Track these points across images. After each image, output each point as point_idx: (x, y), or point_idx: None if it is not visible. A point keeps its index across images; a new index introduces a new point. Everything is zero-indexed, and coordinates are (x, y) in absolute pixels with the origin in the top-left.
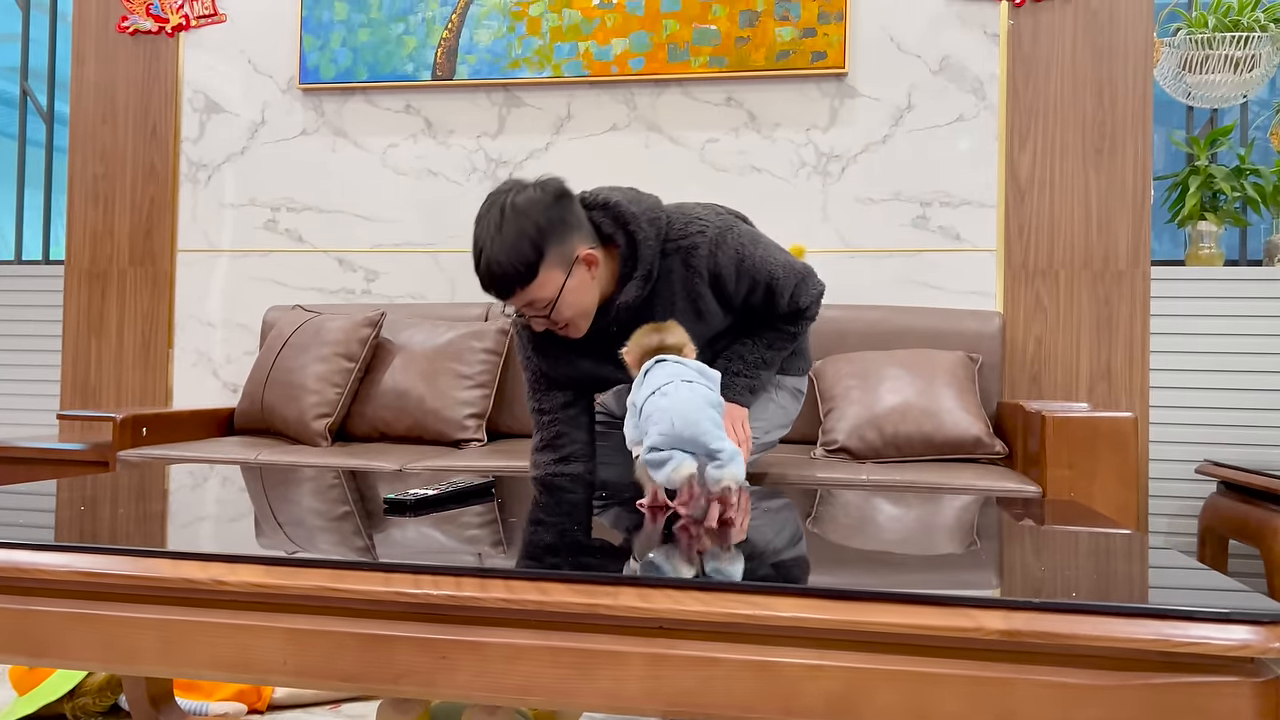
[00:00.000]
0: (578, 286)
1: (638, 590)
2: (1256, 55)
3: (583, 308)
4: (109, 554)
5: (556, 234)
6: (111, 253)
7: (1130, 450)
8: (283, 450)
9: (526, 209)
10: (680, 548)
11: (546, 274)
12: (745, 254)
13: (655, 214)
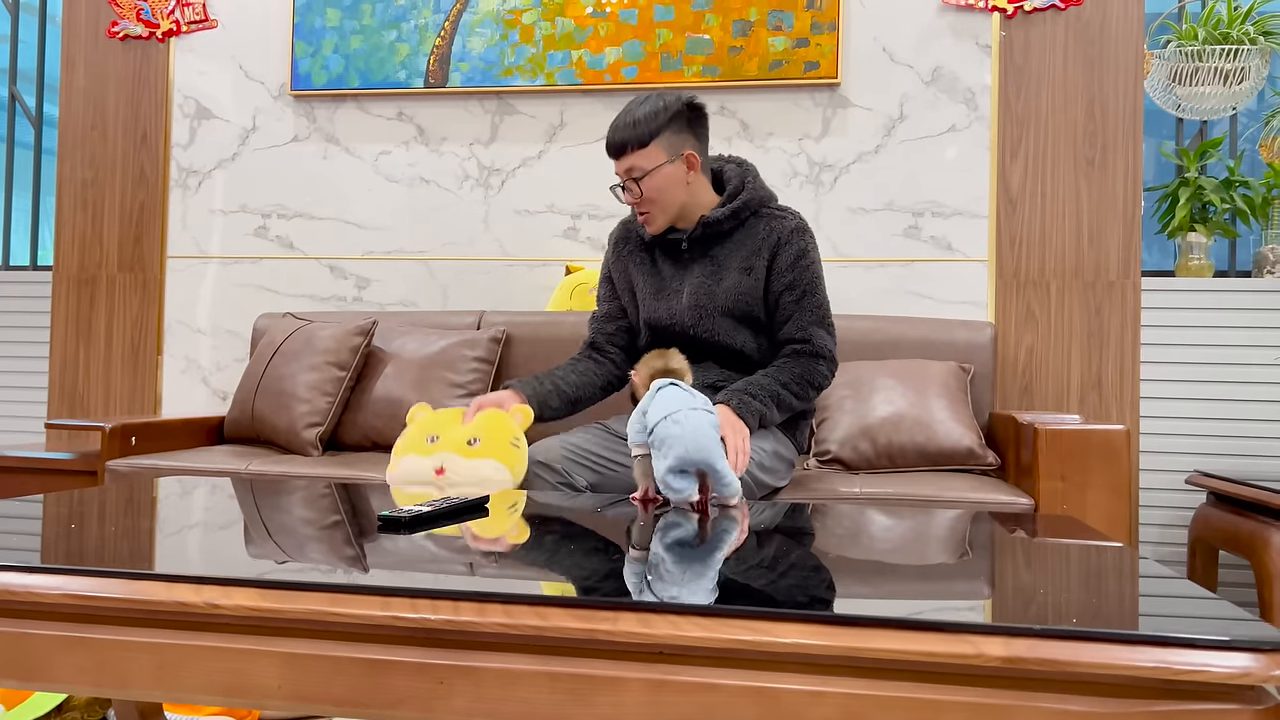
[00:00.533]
0: (671, 174)
1: (637, 615)
2: (1246, 68)
3: (668, 197)
4: (101, 576)
5: (676, 126)
6: (100, 259)
7: (1122, 462)
8: (274, 460)
9: (669, 101)
10: (680, 570)
11: (655, 148)
12: (808, 256)
13: (760, 184)
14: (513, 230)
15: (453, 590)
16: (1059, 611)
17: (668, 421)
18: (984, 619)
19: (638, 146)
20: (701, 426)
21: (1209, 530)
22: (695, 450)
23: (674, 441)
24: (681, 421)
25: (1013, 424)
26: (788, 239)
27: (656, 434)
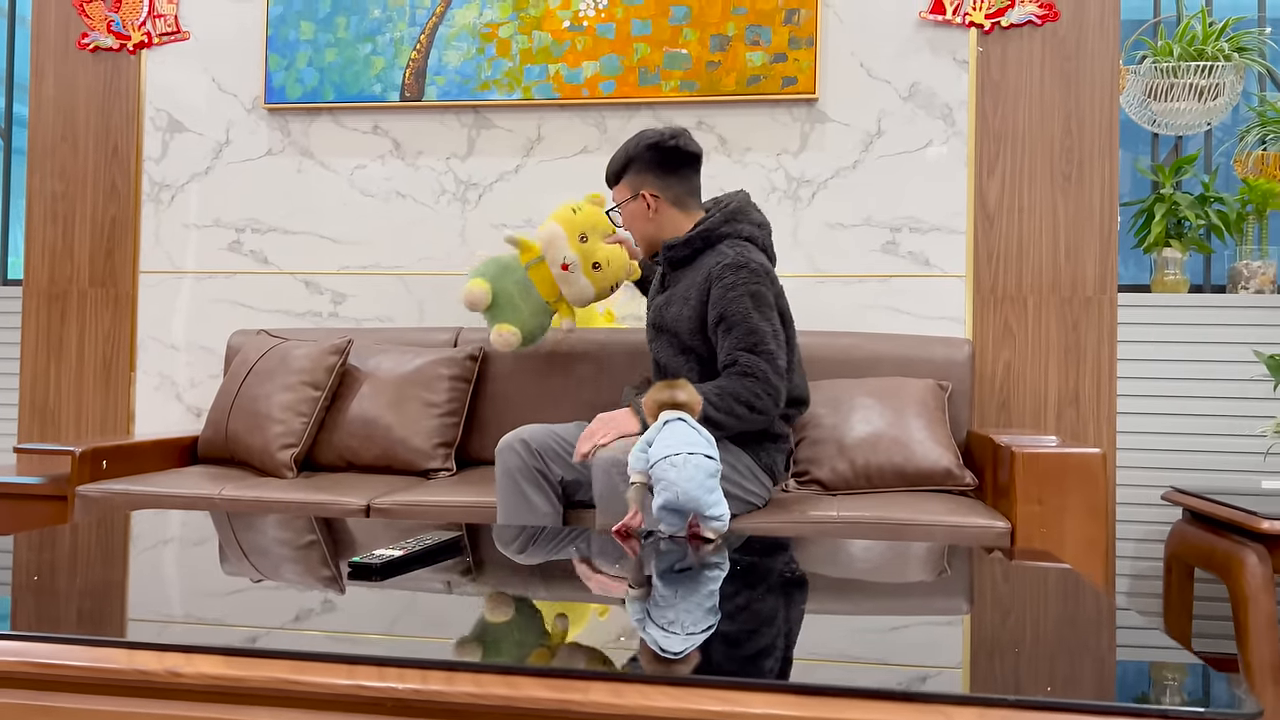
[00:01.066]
0: (634, 209)
1: (609, 685)
2: (1220, 84)
3: (635, 229)
4: (62, 643)
5: (637, 168)
6: (71, 273)
7: (1099, 485)
8: (248, 484)
9: (638, 143)
10: (654, 634)
11: (622, 187)
12: (736, 289)
13: (737, 218)
14: (490, 245)
15: (420, 659)
16: (1035, 677)
17: (666, 463)
18: (959, 686)
19: (612, 183)
20: (696, 476)
21: (1185, 548)
22: (685, 498)
23: (668, 484)
24: (679, 465)
25: (990, 445)
26: (719, 275)
27: (655, 471)
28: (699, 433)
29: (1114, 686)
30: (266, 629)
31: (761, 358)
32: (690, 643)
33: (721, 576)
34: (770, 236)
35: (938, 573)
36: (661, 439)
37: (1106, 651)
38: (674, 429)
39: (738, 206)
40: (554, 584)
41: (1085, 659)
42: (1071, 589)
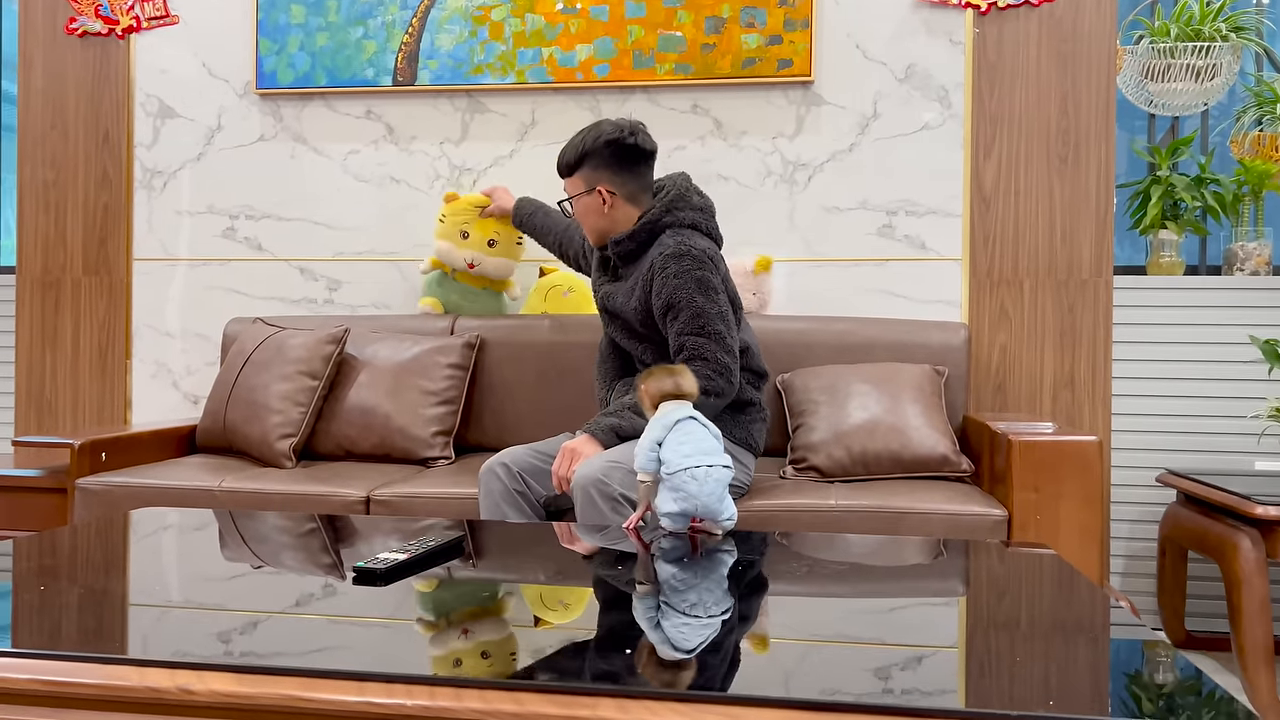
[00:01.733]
0: (588, 203)
1: (616, 701)
2: (1217, 64)
3: (589, 221)
4: (71, 660)
5: (593, 163)
6: (65, 261)
7: (1095, 473)
8: (247, 475)
9: (593, 137)
10: (661, 646)
11: (577, 178)
12: (679, 277)
13: (678, 207)
14: None
15: (427, 676)
16: (1034, 690)
17: (687, 475)
18: (956, 703)
19: (565, 174)
20: (716, 490)
21: (1178, 531)
22: (703, 509)
23: (688, 496)
24: (700, 479)
25: (986, 431)
26: (662, 265)
27: (674, 479)
28: (709, 432)
29: (1105, 701)
30: (276, 643)
31: (708, 339)
32: (698, 657)
33: (732, 584)
34: (714, 218)
35: (940, 574)
36: (675, 442)
37: (1102, 657)
38: (687, 431)
39: (677, 194)
40: (560, 592)
41: (1081, 667)
42: (1071, 586)
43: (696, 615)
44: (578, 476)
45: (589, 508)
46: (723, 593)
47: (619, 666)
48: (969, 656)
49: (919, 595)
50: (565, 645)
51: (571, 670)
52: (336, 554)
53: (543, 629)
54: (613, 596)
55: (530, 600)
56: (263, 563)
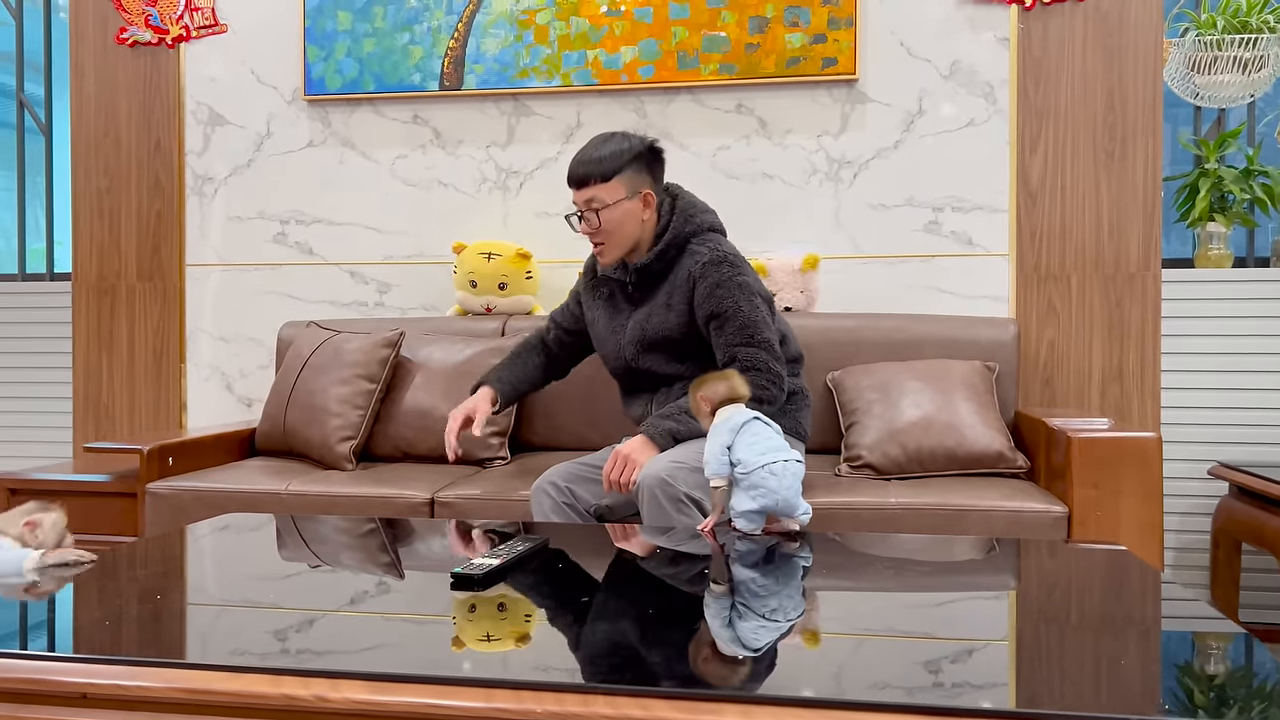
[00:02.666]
0: (629, 209)
1: (739, 707)
2: (1265, 56)
3: (623, 232)
4: (203, 670)
5: (637, 167)
6: (120, 268)
7: (1154, 469)
8: (311, 478)
9: (634, 143)
10: (774, 652)
11: (617, 183)
12: (723, 285)
13: (693, 214)
14: (533, 232)
15: (555, 683)
16: (1113, 694)
17: (765, 471)
18: (1041, 709)
19: (601, 180)
20: (794, 484)
21: (1232, 523)
22: (784, 505)
23: (767, 492)
24: (779, 474)
25: (1042, 428)
26: (701, 274)
27: (752, 477)
28: (774, 430)
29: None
30: (400, 651)
31: (759, 348)
32: (822, 662)
33: (807, 581)
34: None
35: (1011, 574)
36: (746, 442)
37: (1183, 656)
38: (755, 431)
39: (688, 201)
40: (659, 592)
41: (1165, 670)
42: (1146, 584)
43: (792, 610)
44: (644, 476)
45: (654, 509)
46: (800, 582)
47: (740, 672)
48: (1092, 658)
49: (994, 582)
50: (677, 649)
51: (692, 676)
52: (428, 552)
53: (652, 628)
54: (716, 599)
55: (638, 603)
56: (359, 573)
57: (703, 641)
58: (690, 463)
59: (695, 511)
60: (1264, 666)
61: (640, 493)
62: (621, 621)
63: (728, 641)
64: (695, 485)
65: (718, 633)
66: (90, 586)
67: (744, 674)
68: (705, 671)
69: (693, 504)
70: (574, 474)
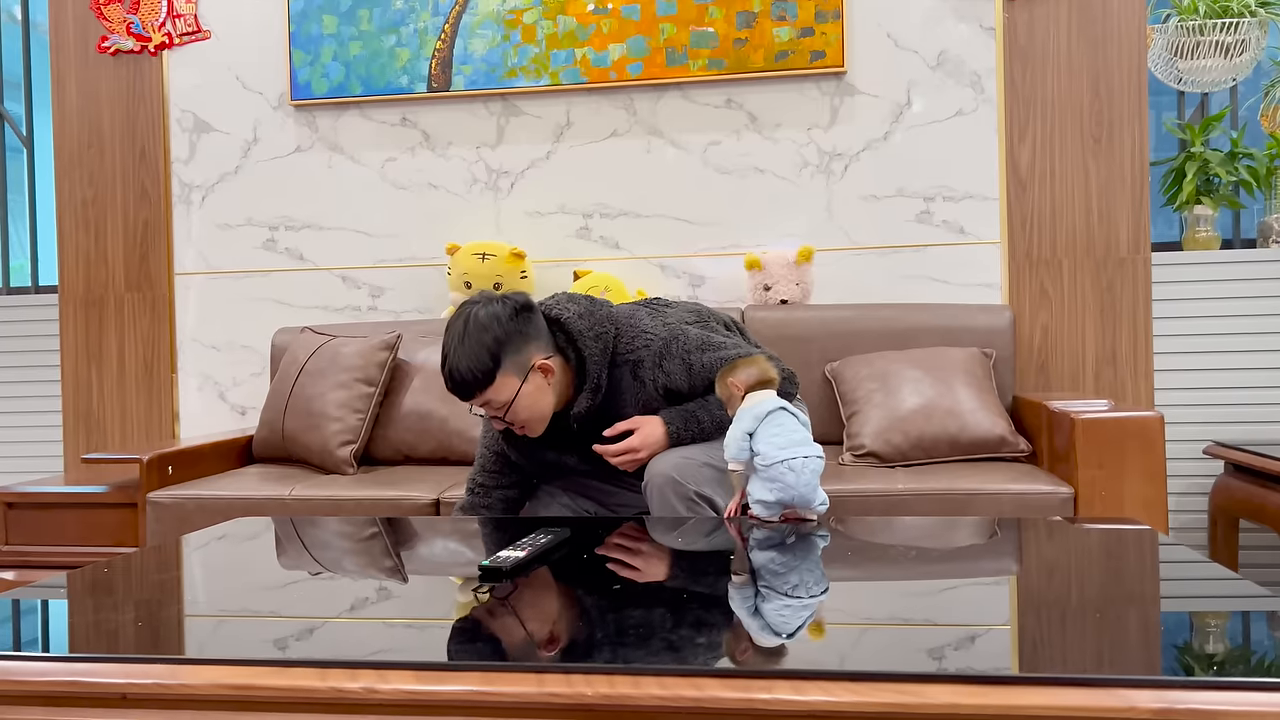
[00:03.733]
0: (533, 391)
1: (791, 684)
2: (1246, 39)
3: (537, 411)
4: (252, 665)
5: (514, 345)
6: (107, 279)
7: (1157, 448)
8: (313, 483)
9: (487, 322)
10: (817, 630)
11: (503, 380)
12: (693, 360)
13: (603, 328)
14: (525, 232)
15: (605, 666)
16: (1193, 659)
17: (783, 467)
18: (1129, 670)
19: (485, 385)
20: (813, 480)
21: (1231, 501)
22: (800, 500)
23: (785, 487)
24: (798, 470)
25: (1043, 411)
26: (664, 373)
27: (770, 471)
28: (799, 420)
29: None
30: (441, 640)
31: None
32: (853, 633)
33: (849, 563)
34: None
35: (1049, 549)
36: (768, 434)
37: (1239, 624)
38: (779, 422)
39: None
40: (696, 575)
41: (1223, 636)
42: (1183, 560)
43: (835, 588)
44: (651, 473)
45: (664, 507)
46: (875, 573)
47: (789, 649)
48: (1109, 624)
49: (1035, 557)
50: (717, 631)
51: (743, 654)
52: (451, 546)
53: (692, 612)
54: (745, 584)
55: (674, 585)
56: (393, 568)
57: (743, 623)
58: (699, 459)
59: (706, 508)
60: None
61: (649, 491)
62: (658, 607)
63: (767, 623)
64: (704, 481)
65: (757, 615)
66: (120, 589)
67: (790, 652)
68: (751, 651)
69: (703, 500)
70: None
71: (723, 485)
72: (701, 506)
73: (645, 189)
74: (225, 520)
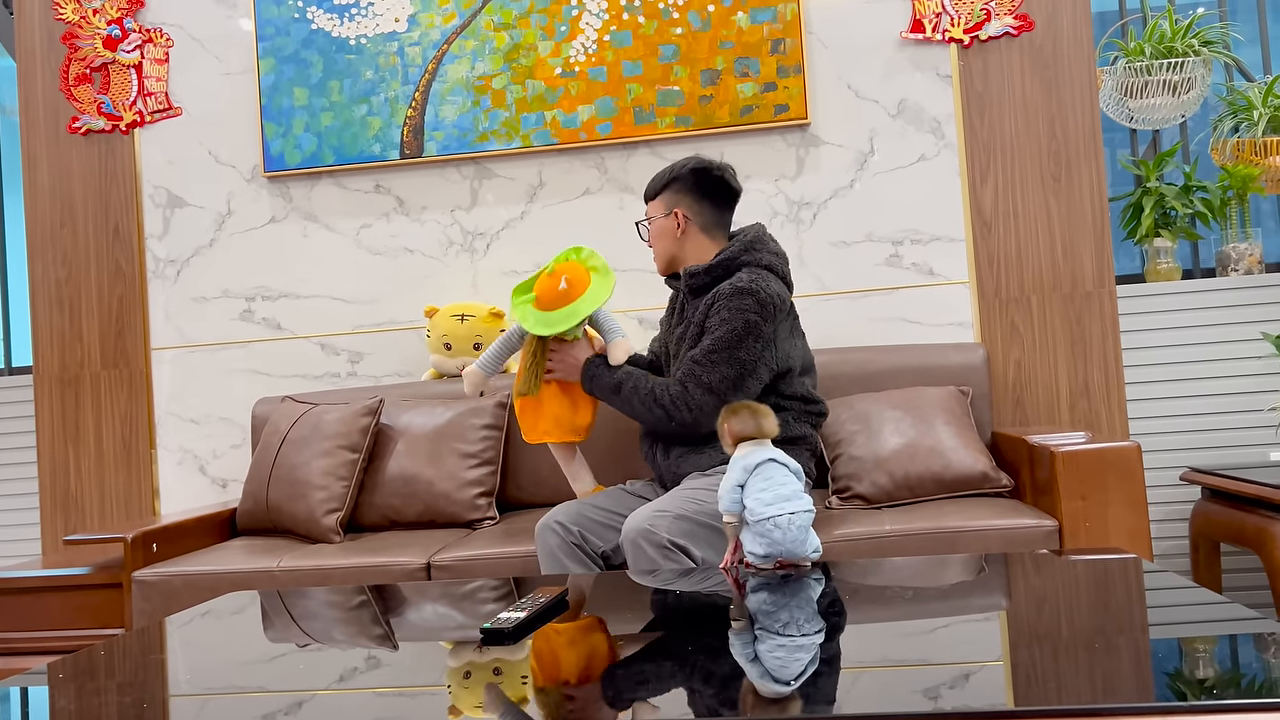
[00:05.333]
0: (663, 226)
1: None
2: (1192, 78)
3: (660, 245)
4: None
5: (676, 188)
6: (82, 357)
7: (1136, 477)
8: (300, 553)
9: (676, 166)
10: (813, 675)
11: (657, 203)
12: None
13: (757, 248)
14: (503, 291)
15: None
16: (1185, 682)
17: (770, 524)
18: (1124, 699)
19: (649, 199)
20: (799, 535)
21: (1211, 525)
22: (788, 554)
23: (773, 542)
24: (784, 526)
25: (1023, 446)
26: (726, 295)
27: (759, 526)
28: (790, 470)
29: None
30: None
31: (704, 367)
32: (858, 678)
33: (867, 609)
34: (788, 264)
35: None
36: (757, 489)
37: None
38: (768, 475)
39: (756, 236)
40: (694, 629)
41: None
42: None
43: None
44: (626, 529)
45: (639, 557)
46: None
47: (787, 696)
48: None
49: (1077, 601)
50: (724, 682)
51: (748, 704)
52: (450, 610)
53: (700, 667)
54: (752, 633)
55: (666, 645)
56: (384, 637)
57: (745, 670)
58: (673, 511)
59: (681, 556)
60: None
61: (625, 545)
62: (666, 662)
63: (766, 670)
64: (679, 533)
65: (756, 662)
66: (103, 674)
67: (788, 699)
68: (761, 701)
69: (677, 549)
70: (582, 516)
71: (696, 537)
72: (674, 554)
73: (619, 244)
74: (213, 596)
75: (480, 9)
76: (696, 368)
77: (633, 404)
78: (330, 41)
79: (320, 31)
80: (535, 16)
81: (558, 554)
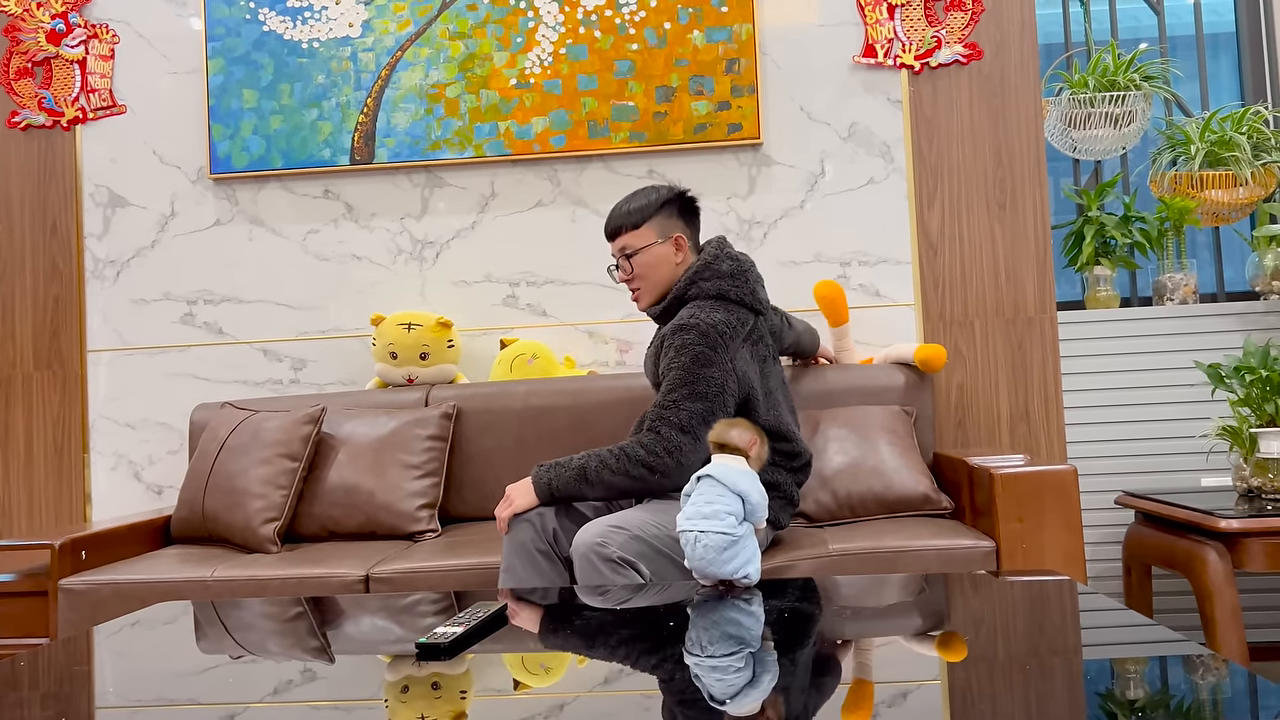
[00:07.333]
0: (661, 253)
1: None
2: (1133, 111)
3: (656, 274)
4: None
5: (669, 211)
6: (14, 357)
7: (1072, 499)
8: (236, 563)
9: (662, 191)
10: (749, 696)
11: (646, 229)
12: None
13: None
14: (452, 301)
15: None
16: (1115, 704)
17: (684, 536)
18: None
19: (631, 228)
20: (706, 555)
21: (1143, 548)
22: (699, 574)
23: (688, 557)
24: (690, 545)
25: (963, 467)
26: (670, 336)
27: (681, 537)
28: (725, 488)
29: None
30: None
31: (672, 408)
32: (794, 698)
33: (805, 627)
34: (744, 278)
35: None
36: (689, 502)
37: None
38: (700, 491)
39: (702, 263)
40: (628, 649)
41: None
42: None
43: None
44: (577, 542)
45: (590, 572)
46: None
47: (720, 716)
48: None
49: (1015, 626)
50: (706, 695)
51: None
52: (392, 625)
53: (622, 682)
54: (671, 654)
55: (596, 663)
56: (330, 654)
57: (671, 692)
58: (626, 527)
59: (631, 572)
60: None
61: (575, 561)
62: (591, 682)
63: (701, 690)
64: (631, 550)
65: (688, 683)
66: (25, 685)
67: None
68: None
69: (627, 565)
70: (562, 514)
71: (647, 558)
72: (624, 569)
73: (571, 257)
74: (144, 606)
75: (436, 17)
76: (664, 411)
77: (605, 478)
78: (282, 44)
79: (272, 34)
80: (491, 27)
81: (529, 547)
